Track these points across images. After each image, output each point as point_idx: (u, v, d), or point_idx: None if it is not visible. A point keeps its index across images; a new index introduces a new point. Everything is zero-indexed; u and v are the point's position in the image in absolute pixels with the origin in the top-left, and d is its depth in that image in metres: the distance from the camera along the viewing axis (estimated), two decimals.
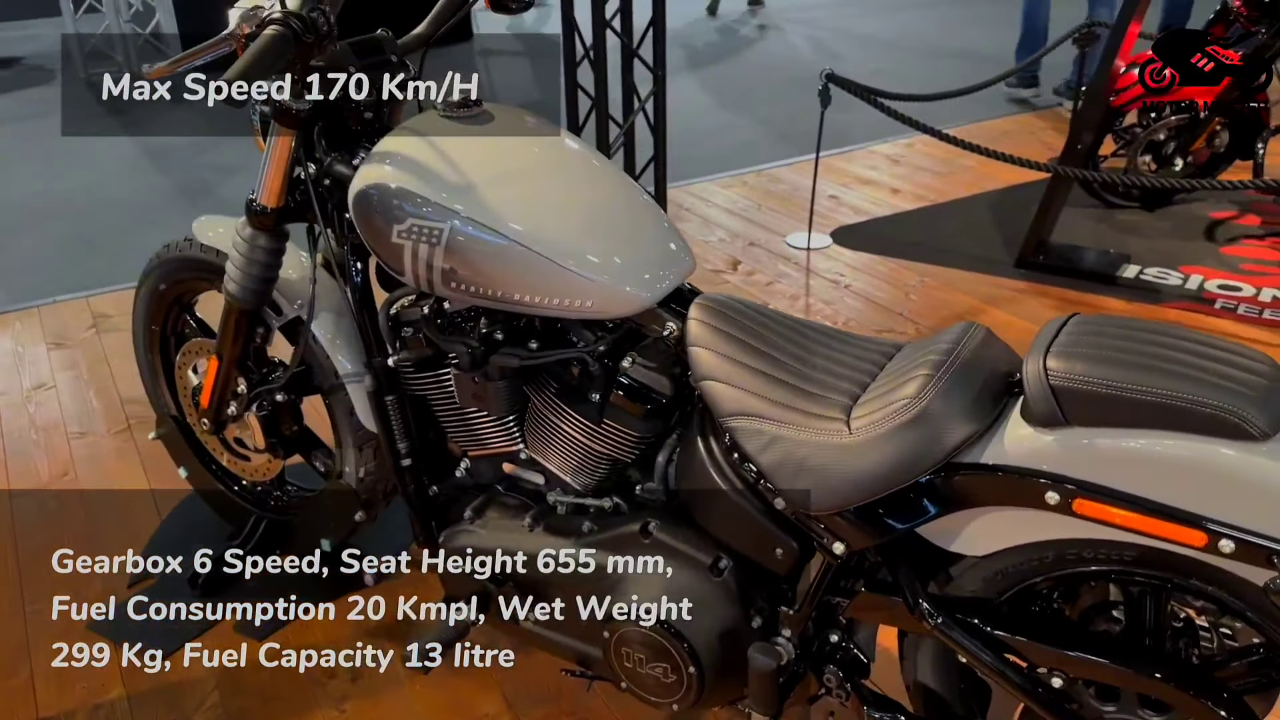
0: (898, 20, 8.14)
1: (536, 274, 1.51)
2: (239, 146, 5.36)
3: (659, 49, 3.93)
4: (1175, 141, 3.85)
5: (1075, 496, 1.24)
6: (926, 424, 1.30)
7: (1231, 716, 1.26)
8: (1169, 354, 1.25)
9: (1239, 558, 1.17)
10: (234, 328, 1.96)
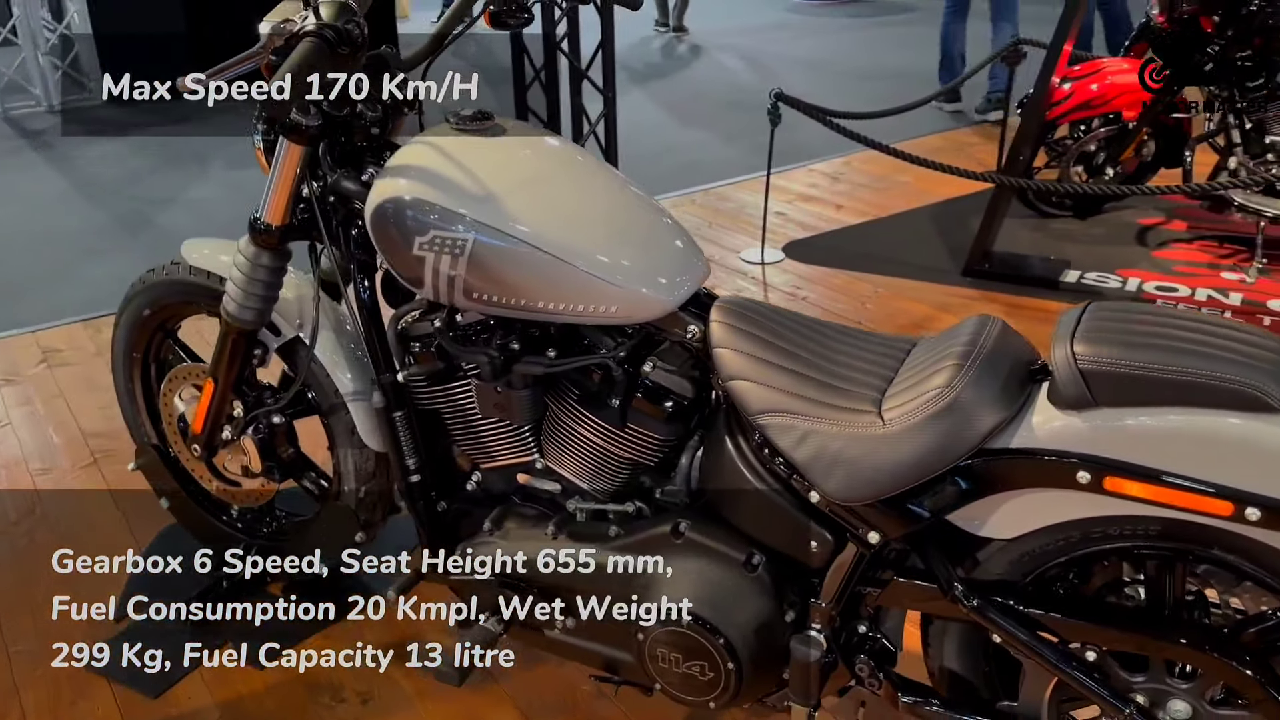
0: (824, 43, 8.35)
1: (562, 281, 1.53)
2: (170, 179, 5.27)
3: (608, 71, 3.99)
4: (1105, 152, 4.02)
5: (1106, 474, 1.30)
6: (959, 412, 1.35)
7: (1258, 674, 1.33)
8: (1185, 335, 1.32)
9: (1265, 524, 1.24)
10: (232, 349, 1.93)
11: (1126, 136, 3.95)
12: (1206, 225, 4.10)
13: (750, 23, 9.02)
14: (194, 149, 5.81)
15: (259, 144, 1.80)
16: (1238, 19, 3.57)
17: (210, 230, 2.19)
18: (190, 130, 6.17)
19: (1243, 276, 3.71)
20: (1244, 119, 3.74)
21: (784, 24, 9.22)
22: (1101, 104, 3.92)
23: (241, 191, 5.00)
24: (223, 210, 4.77)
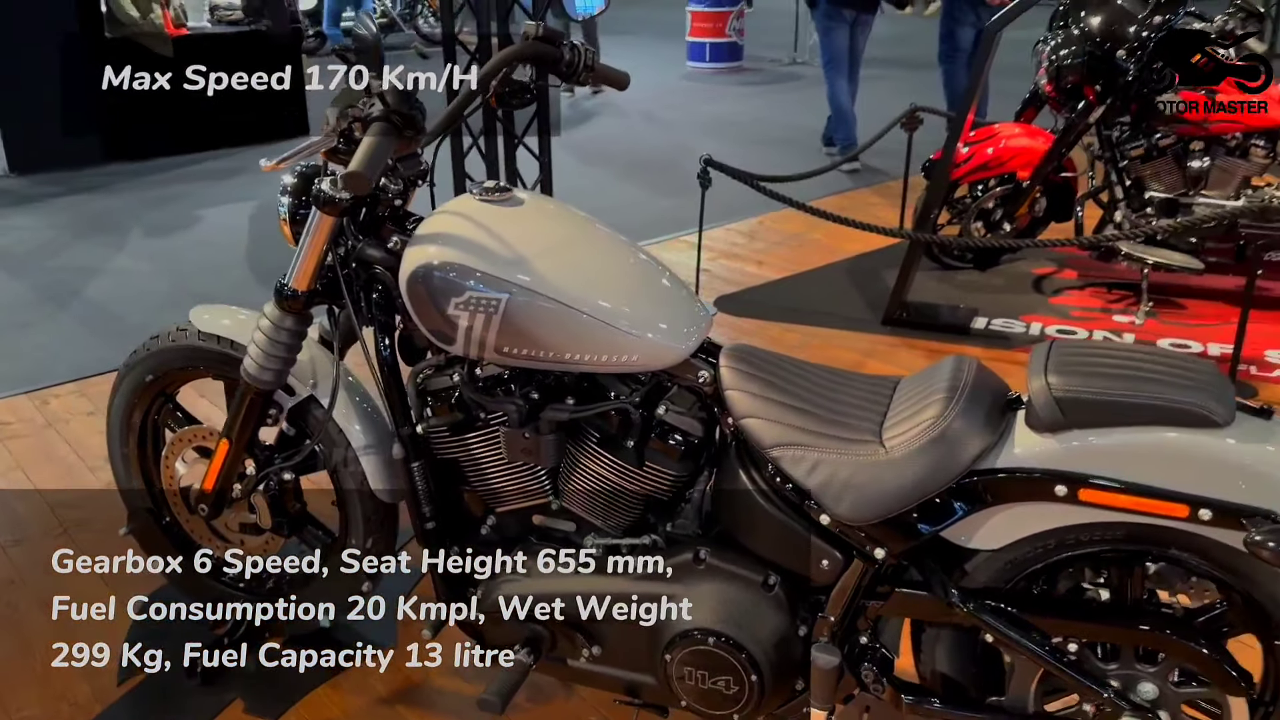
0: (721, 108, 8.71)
1: (588, 334, 1.69)
2: (88, 250, 5.22)
3: (544, 139, 4.18)
4: (1002, 209, 4.38)
5: (1080, 487, 1.52)
6: (951, 439, 1.56)
7: (1213, 653, 1.55)
8: (1137, 365, 1.56)
9: (1214, 523, 1.47)
10: (248, 410, 2.02)
11: (1021, 194, 4.30)
12: (1095, 273, 4.48)
13: (652, 88, 9.37)
14: (106, 219, 5.77)
15: (284, 216, 1.92)
16: (1115, 89, 3.97)
17: (147, 301, 2.29)
18: (97, 200, 6.14)
19: (1133, 319, 4.08)
20: (1125, 177, 4.14)
21: (682, 89, 9.61)
22: (998, 165, 4.28)
23: (167, 261, 5.04)
24: (153, 281, 4.79)
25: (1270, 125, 3.93)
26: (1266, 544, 1.41)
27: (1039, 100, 4.33)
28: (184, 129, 7.10)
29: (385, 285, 1.86)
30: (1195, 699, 1.63)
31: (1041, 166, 4.22)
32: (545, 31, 1.87)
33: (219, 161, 6.93)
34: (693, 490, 1.83)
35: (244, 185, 6.44)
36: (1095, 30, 3.96)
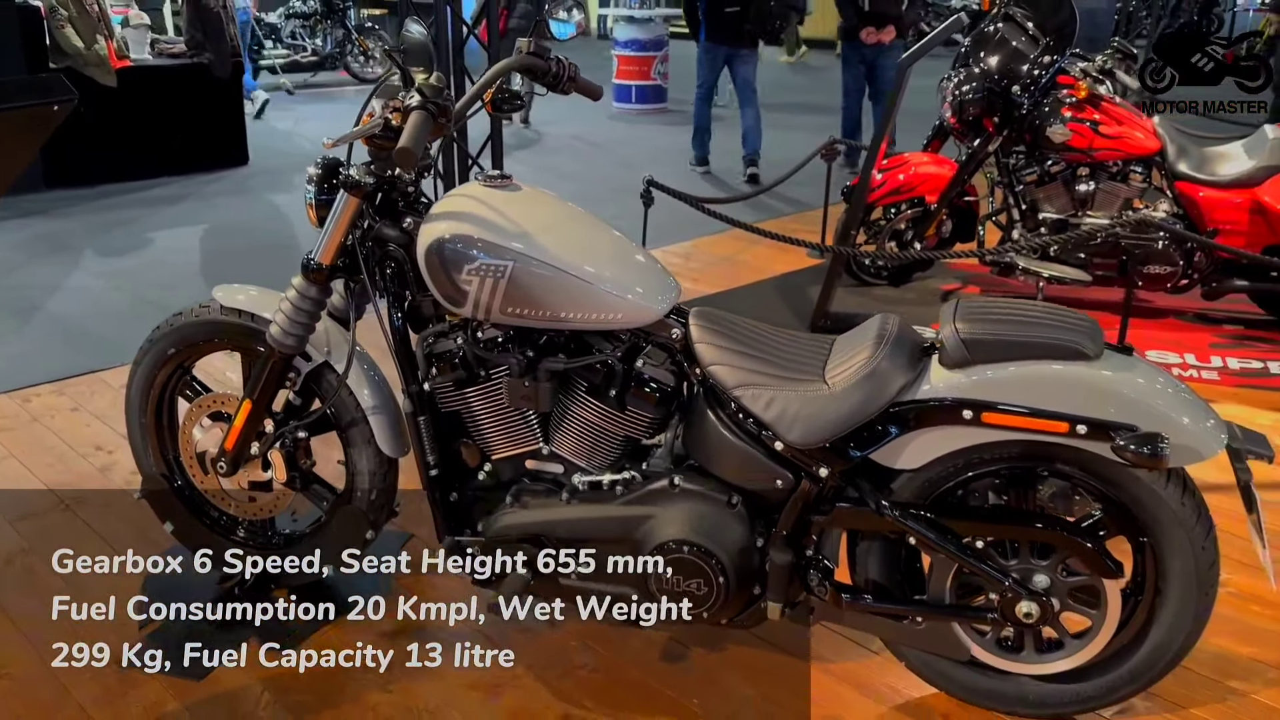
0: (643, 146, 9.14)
1: (582, 296, 2.02)
2: (44, 270, 5.36)
3: (496, 161, 4.51)
4: (913, 230, 4.82)
5: (983, 411, 1.89)
6: (879, 375, 1.93)
7: (1095, 546, 1.93)
8: (1026, 314, 1.96)
9: (1089, 437, 1.85)
10: (270, 373, 2.30)
11: (929, 217, 4.75)
12: (996, 287, 4.96)
13: (580, 126, 9.79)
14: (58, 241, 5.90)
15: (310, 201, 2.21)
16: (1011, 121, 4.46)
17: (109, 313, 2.53)
18: (46, 224, 6.27)
19: None
20: (1020, 200, 4.62)
21: (609, 128, 10.03)
22: (908, 190, 4.73)
23: (124, 279, 5.22)
24: (112, 296, 4.97)
25: (1145, 153, 4.45)
26: (1128, 449, 1.80)
27: (944, 132, 4.81)
28: (127, 156, 7.28)
29: (398, 261, 2.17)
30: (1079, 587, 2.00)
31: (947, 191, 4.68)
32: (535, 47, 2.22)
33: (164, 188, 7.10)
34: (665, 434, 2.16)
35: (191, 210, 6.63)
36: (993, 69, 4.45)
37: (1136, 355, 1.97)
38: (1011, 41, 4.46)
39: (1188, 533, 1.92)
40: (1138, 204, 4.54)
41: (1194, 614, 1.98)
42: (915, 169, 4.78)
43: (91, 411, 3.61)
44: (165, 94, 7.56)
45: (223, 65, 7.76)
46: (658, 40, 10.89)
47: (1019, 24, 4.47)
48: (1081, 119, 4.42)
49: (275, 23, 12.52)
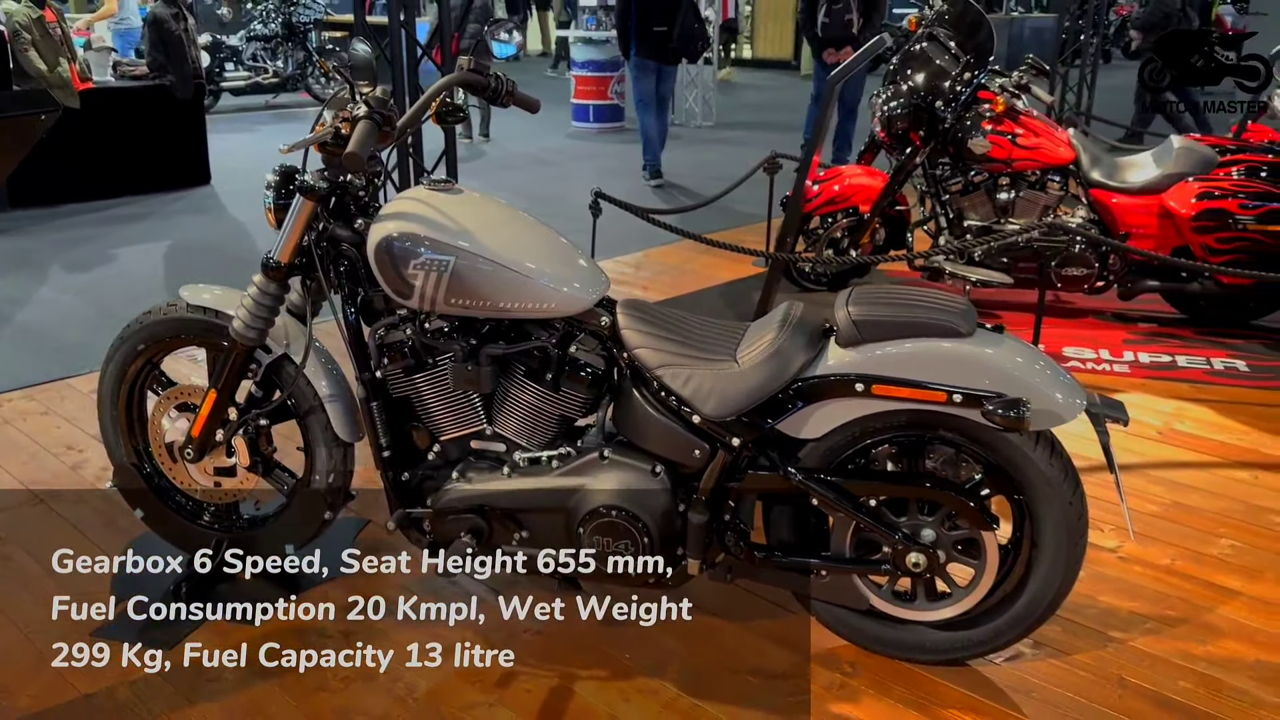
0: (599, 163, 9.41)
1: (517, 287, 2.25)
2: (8, 283, 5.52)
3: (451, 171, 4.73)
4: (848, 238, 5.10)
5: (873, 383, 2.14)
6: (782, 354, 2.17)
7: (972, 502, 2.18)
8: (909, 299, 2.21)
9: (965, 405, 2.10)
10: (233, 365, 2.50)
11: (863, 226, 5.03)
12: None
13: (538, 144, 10.05)
14: (22, 258, 6.05)
15: (269, 205, 2.42)
16: (936, 134, 4.74)
17: (75, 324, 2.72)
18: (10, 241, 6.41)
19: None
20: (947, 209, 4.91)
21: (566, 146, 10.29)
22: (843, 201, 5.00)
23: (88, 293, 5.39)
24: (78, 308, 5.14)
25: (1061, 162, 4.75)
26: (995, 413, 2.05)
27: (876, 145, 5.10)
28: (90, 176, 7.43)
29: (350, 259, 2.38)
30: (961, 540, 2.25)
31: (879, 201, 4.95)
32: (475, 64, 2.45)
33: (126, 208, 7.26)
34: (597, 413, 2.39)
35: (155, 227, 6.80)
36: (919, 85, 4.73)
37: (1007, 333, 2.23)
38: (935, 60, 4.74)
39: (1056, 490, 2.17)
40: (1059, 211, 4.85)
41: (1066, 563, 2.23)
42: (849, 180, 5.05)
43: (61, 414, 3.79)
44: (128, 115, 7.74)
45: (184, 86, 7.95)
46: (614, 61, 11.17)
47: (942, 43, 4.76)
48: (1000, 131, 4.72)
49: (237, 45, 12.71)
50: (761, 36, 18.84)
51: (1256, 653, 2.50)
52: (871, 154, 5.23)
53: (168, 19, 7.82)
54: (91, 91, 7.55)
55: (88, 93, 7.47)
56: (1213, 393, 4.12)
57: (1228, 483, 3.38)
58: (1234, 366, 4.38)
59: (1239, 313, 4.77)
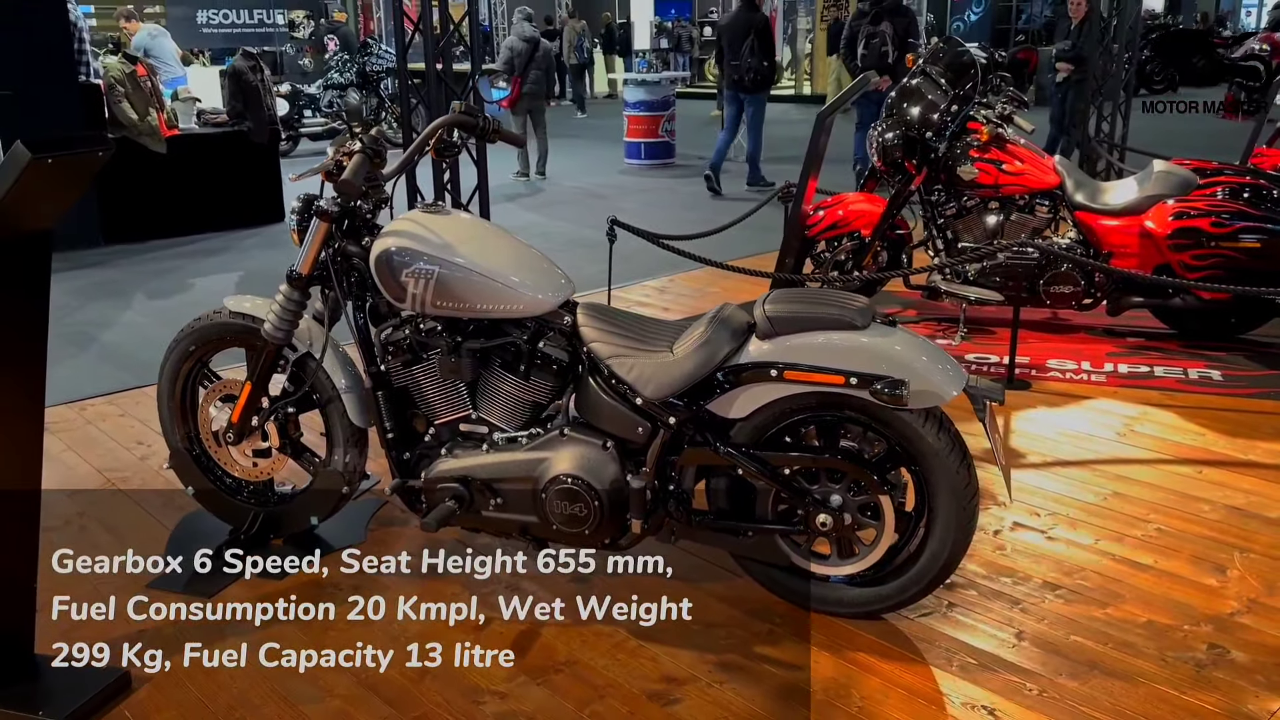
0: (648, 197, 9.88)
1: (491, 291, 2.68)
2: (96, 311, 6.16)
3: (484, 207, 5.23)
4: (851, 260, 5.45)
5: (785, 370, 2.52)
6: (709, 345, 2.57)
7: (875, 474, 2.54)
8: (815, 297, 2.60)
9: (860, 387, 2.47)
10: (266, 360, 2.98)
11: (865, 248, 5.38)
12: (929, 310, 5.56)
13: (593, 180, 10.60)
14: (111, 287, 6.72)
15: (293, 227, 2.91)
16: (929, 162, 5.09)
17: (152, 343, 3.22)
18: (102, 273, 7.10)
19: (950, 341, 5.14)
20: (944, 232, 5.24)
21: (618, 181, 10.80)
22: (845, 225, 5.37)
23: (166, 316, 6.00)
24: (156, 330, 5.71)
25: (1047, 187, 5.06)
26: (882, 391, 2.42)
27: (876, 174, 5.46)
28: (175, 214, 8.15)
29: (360, 271, 2.85)
30: (863, 504, 2.60)
31: (879, 225, 5.30)
32: (466, 107, 2.91)
33: (208, 242, 7.95)
34: (563, 399, 2.80)
35: (231, 260, 7.45)
36: (913, 118, 5.09)
37: (901, 328, 2.59)
38: (927, 95, 5.10)
39: (944, 461, 2.52)
40: (1048, 233, 5.15)
41: (957, 526, 2.57)
42: (851, 206, 5.42)
43: (135, 416, 4.34)
44: (209, 158, 8.46)
45: (260, 132, 8.66)
46: (665, 100, 11.70)
47: (933, 80, 5.12)
48: (988, 159, 5.06)
49: (315, 93, 13.54)
50: (820, 74, 19.28)
51: (1150, 614, 2.80)
52: (874, 182, 5.59)
53: (246, 71, 8.55)
54: (177, 138, 8.28)
55: (174, 139, 8.21)
56: (1182, 400, 4.38)
57: (1171, 477, 3.65)
58: (1209, 376, 4.62)
59: (1225, 327, 5.01)
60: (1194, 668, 2.56)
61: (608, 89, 22.05)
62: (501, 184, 10.07)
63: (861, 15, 9.24)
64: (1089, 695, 2.47)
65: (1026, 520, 3.31)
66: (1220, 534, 3.22)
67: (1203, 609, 2.81)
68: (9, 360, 2.35)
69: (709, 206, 8.83)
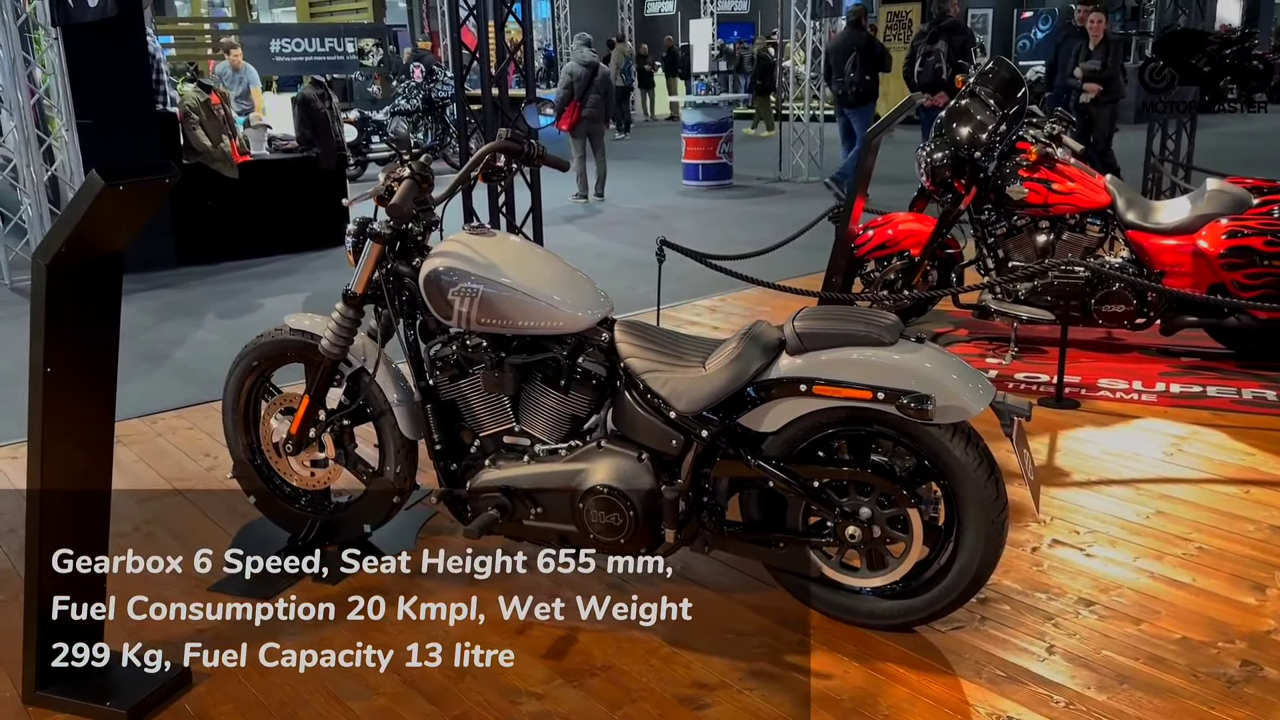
0: (705, 217, 10.01)
1: (533, 309, 2.81)
2: (171, 330, 6.44)
3: (537, 228, 5.39)
4: (901, 279, 5.50)
5: (814, 385, 2.61)
6: (740, 360, 2.66)
7: (904, 488, 2.61)
8: (844, 314, 2.69)
9: (885, 401, 2.55)
10: (324, 375, 3.15)
11: (915, 268, 5.43)
12: (981, 330, 5.58)
13: (650, 201, 10.75)
14: (184, 307, 7.02)
15: (349, 249, 3.08)
16: (978, 182, 5.13)
17: (222, 361, 3.41)
18: (175, 294, 7.41)
19: (1000, 361, 5.16)
20: (995, 251, 5.27)
21: (676, 203, 10.95)
22: (894, 244, 5.42)
23: (236, 335, 6.26)
24: (225, 348, 5.93)
25: (1097, 206, 5.07)
26: (909, 406, 2.49)
27: (925, 194, 5.51)
28: (245, 237, 8.47)
29: (410, 290, 3.00)
30: (892, 517, 2.67)
31: (929, 244, 5.35)
32: (512, 134, 3.06)
33: (276, 264, 8.24)
34: (600, 414, 2.92)
35: (298, 281, 7.72)
36: (960, 138, 5.14)
37: (928, 344, 2.66)
38: (976, 115, 5.15)
39: (971, 476, 2.58)
40: (1101, 252, 5.15)
41: (986, 540, 2.62)
42: (901, 225, 5.47)
43: (204, 430, 4.55)
44: (279, 183, 8.78)
45: (328, 158, 8.96)
46: (722, 123, 11.83)
47: (982, 100, 5.17)
48: (1037, 179, 5.08)
49: (382, 120, 13.92)
50: (892, 94, 19.30)
51: (1184, 630, 2.81)
52: (924, 201, 5.64)
53: (314, 99, 8.87)
54: (249, 164, 8.61)
55: (245, 165, 8.54)
56: (1233, 419, 4.35)
57: (1216, 496, 3.64)
58: (1263, 396, 4.58)
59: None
60: (1225, 684, 2.58)
61: (669, 111, 22.29)
62: (560, 206, 10.32)
63: (921, 35, 9.35)
64: (1116, 709, 2.50)
65: (1065, 538, 3.34)
66: (1262, 553, 3.22)
67: (1239, 626, 2.82)
68: (84, 372, 2.53)
69: (764, 227, 8.90)
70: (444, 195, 3.04)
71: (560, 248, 3.29)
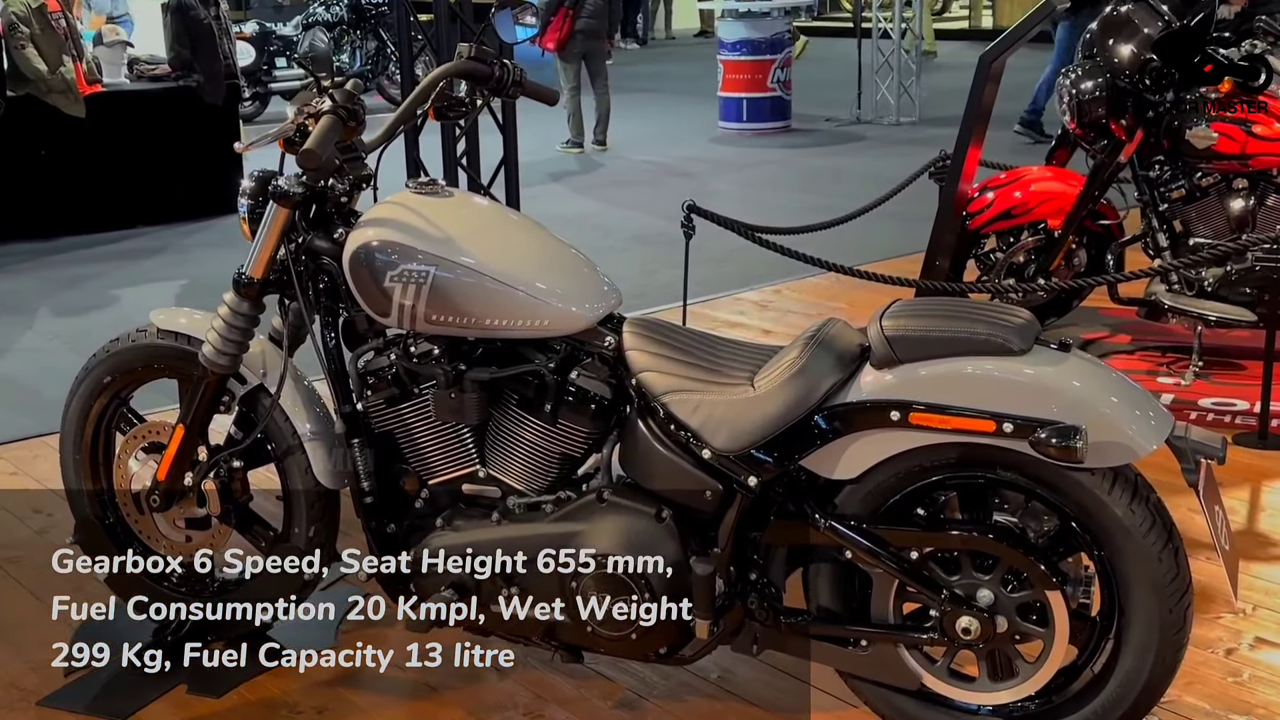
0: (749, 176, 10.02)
1: (504, 301, 2.81)
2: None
3: (512, 186, 5.40)
4: (1035, 263, 5.47)
5: (909, 411, 2.59)
6: (806, 376, 2.65)
7: (1042, 561, 2.59)
8: (956, 310, 2.67)
9: (1017, 435, 2.52)
10: (204, 395, 3.14)
11: (1054, 245, 5.40)
12: (1151, 336, 5.56)
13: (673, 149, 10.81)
14: (8, 300, 7.06)
15: (244, 215, 3.08)
16: (1145, 122, 5.11)
17: (62, 376, 3.49)
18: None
19: (1178, 380, 5.14)
20: (1166, 221, 5.25)
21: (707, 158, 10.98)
22: (1024, 213, 5.40)
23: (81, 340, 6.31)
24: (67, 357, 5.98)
25: None
26: (1049, 443, 2.47)
27: (1069, 140, 5.49)
28: (93, 203, 8.47)
29: (331, 275, 3.00)
30: (1026, 603, 2.65)
31: (1074, 212, 5.32)
32: (477, 51, 3.06)
33: (136, 240, 8.30)
34: (604, 451, 2.91)
35: (167, 264, 7.78)
36: (1123, 61, 5.11)
37: (1076, 352, 2.64)
38: (1143, 27, 5.13)
39: (1138, 542, 2.56)
40: None
41: (1160, 638, 2.60)
42: (1035, 186, 5.45)
43: (33, 475, 4.57)
44: (143, 125, 8.80)
45: (214, 89, 8.98)
46: (777, 40, 11.82)
47: (1152, 6, 5.16)
48: (1231, 119, 5.06)
49: (291, 35, 13.97)
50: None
51: None
52: (1065, 151, 5.62)
53: (194, 5, 8.90)
54: (100, 96, 8.62)
55: (95, 97, 8.55)
56: None
57: None
58: None
59: None
60: None
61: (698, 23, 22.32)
62: (544, 158, 10.36)
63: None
64: None
65: (1274, 635, 3.31)
66: None
67: None
68: None
69: (836, 188, 8.92)
70: (379, 139, 3.04)
71: (545, 216, 3.28)
